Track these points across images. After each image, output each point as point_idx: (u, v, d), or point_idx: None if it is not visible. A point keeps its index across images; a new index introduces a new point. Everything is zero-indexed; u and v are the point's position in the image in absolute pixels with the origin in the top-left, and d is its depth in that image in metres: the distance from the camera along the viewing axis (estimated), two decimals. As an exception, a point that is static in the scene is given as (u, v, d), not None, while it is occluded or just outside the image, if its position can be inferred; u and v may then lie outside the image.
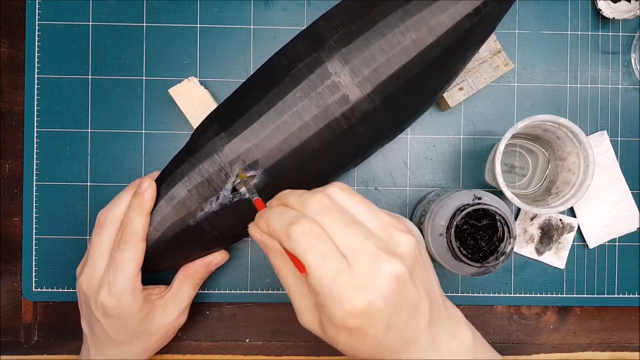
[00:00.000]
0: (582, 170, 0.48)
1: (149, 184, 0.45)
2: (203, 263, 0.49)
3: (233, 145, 0.44)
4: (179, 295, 0.48)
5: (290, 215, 0.33)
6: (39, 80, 0.54)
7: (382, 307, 0.31)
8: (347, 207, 0.33)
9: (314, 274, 0.31)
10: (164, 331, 0.48)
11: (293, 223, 0.32)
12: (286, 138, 0.43)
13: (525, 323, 0.56)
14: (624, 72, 0.55)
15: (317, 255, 0.31)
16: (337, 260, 0.31)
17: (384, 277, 0.31)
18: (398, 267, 0.31)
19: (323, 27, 0.44)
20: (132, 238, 0.44)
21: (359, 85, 0.43)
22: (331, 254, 0.31)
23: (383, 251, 0.31)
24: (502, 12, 0.46)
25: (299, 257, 0.31)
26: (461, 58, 0.45)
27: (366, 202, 0.34)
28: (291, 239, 0.31)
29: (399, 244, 0.32)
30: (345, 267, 0.31)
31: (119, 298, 0.44)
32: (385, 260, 0.31)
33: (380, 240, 0.32)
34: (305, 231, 0.31)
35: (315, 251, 0.31)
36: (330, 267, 0.30)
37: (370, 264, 0.31)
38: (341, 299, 0.30)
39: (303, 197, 0.33)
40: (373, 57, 0.42)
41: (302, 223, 0.32)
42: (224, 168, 0.44)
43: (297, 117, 0.43)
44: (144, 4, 0.54)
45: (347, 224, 0.32)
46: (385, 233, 0.33)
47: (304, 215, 0.32)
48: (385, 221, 0.33)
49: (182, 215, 0.45)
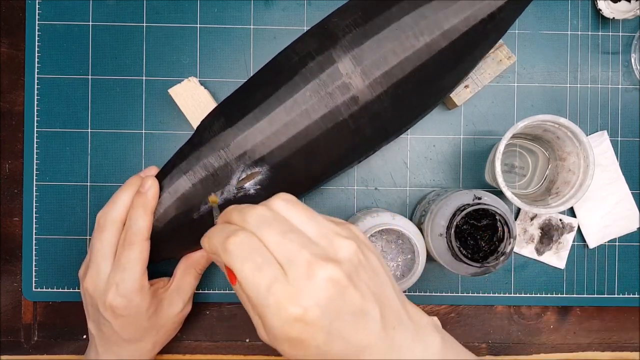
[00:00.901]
0: (582, 170, 0.48)
1: (152, 183, 0.45)
2: (204, 254, 0.49)
3: (239, 140, 0.43)
4: (183, 286, 0.48)
5: (228, 229, 0.32)
6: (39, 80, 0.54)
7: (319, 314, 0.30)
8: (288, 217, 0.33)
9: (250, 285, 0.30)
10: (172, 323, 0.48)
11: (229, 236, 0.32)
12: (293, 136, 0.43)
13: (525, 323, 0.56)
14: (624, 72, 0.55)
15: (253, 266, 0.30)
16: (273, 270, 0.30)
17: (319, 283, 0.30)
18: (333, 272, 0.30)
19: (335, 24, 0.44)
20: (137, 238, 0.44)
21: (369, 87, 0.42)
22: (266, 264, 0.31)
23: (319, 258, 0.31)
24: (515, 17, 0.46)
25: (234, 269, 0.31)
26: (472, 61, 0.45)
27: (309, 211, 0.33)
28: (227, 252, 0.31)
29: (338, 250, 0.32)
30: (280, 276, 0.30)
31: (128, 298, 0.44)
32: (320, 266, 0.30)
33: (318, 248, 0.32)
34: (241, 243, 0.31)
35: (251, 262, 0.31)
36: (265, 276, 0.30)
37: (305, 272, 0.30)
38: (277, 308, 0.30)
39: (244, 211, 0.33)
40: (385, 59, 0.42)
41: (239, 235, 0.31)
42: (229, 163, 0.44)
43: (306, 116, 0.43)
44: (144, 4, 0.54)
45: (284, 233, 0.32)
46: (325, 240, 0.32)
47: (242, 228, 0.32)
48: (326, 228, 0.33)
49: (185, 209, 0.45)
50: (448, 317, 0.55)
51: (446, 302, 0.55)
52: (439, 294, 0.55)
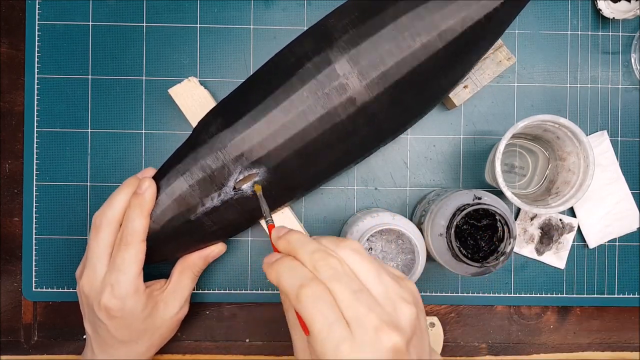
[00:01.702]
0: (582, 170, 0.48)
1: (149, 184, 0.45)
2: (201, 256, 0.49)
3: (237, 142, 0.43)
4: (179, 288, 0.48)
5: (301, 274, 0.33)
6: (39, 80, 0.54)
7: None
8: (356, 271, 0.34)
9: (318, 340, 0.32)
10: (167, 326, 0.48)
11: (303, 286, 0.33)
12: (291, 137, 0.43)
13: (525, 323, 0.56)
14: (624, 72, 0.55)
15: (324, 322, 0.32)
16: (342, 330, 0.32)
17: (383, 350, 0.31)
18: (397, 341, 0.32)
19: (332, 25, 0.44)
20: (133, 239, 0.44)
21: (366, 88, 0.42)
22: (337, 323, 0.32)
23: (385, 324, 0.32)
24: (511, 18, 0.46)
25: (306, 320, 0.32)
26: (469, 62, 0.45)
27: (376, 267, 0.35)
28: (300, 302, 0.32)
29: (401, 316, 0.33)
30: (348, 337, 0.31)
31: (123, 300, 0.44)
32: (386, 334, 0.32)
33: (384, 312, 0.33)
34: (315, 296, 0.32)
35: (323, 318, 0.32)
36: (334, 335, 0.31)
37: (372, 337, 0.32)
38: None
39: (315, 256, 0.34)
40: (382, 59, 0.42)
41: (313, 287, 0.32)
42: (226, 165, 0.44)
43: (303, 117, 0.43)
44: (144, 4, 0.54)
45: (354, 293, 0.33)
46: (389, 303, 0.33)
47: (315, 278, 0.33)
48: (392, 290, 0.34)
49: (182, 210, 0.45)
50: (448, 317, 0.55)
51: (446, 302, 0.55)
52: (439, 294, 0.55)
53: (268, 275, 0.35)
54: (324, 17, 0.45)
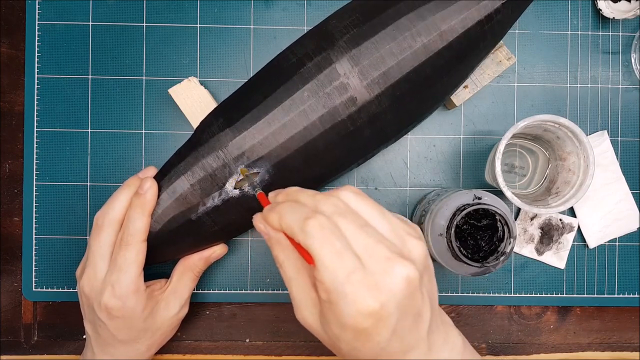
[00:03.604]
0: (582, 170, 0.48)
1: (151, 185, 0.45)
2: (202, 257, 0.49)
3: (238, 141, 0.43)
4: (180, 288, 0.48)
5: (305, 210, 0.33)
6: (39, 80, 0.54)
7: (392, 310, 0.31)
8: (359, 211, 0.33)
9: (328, 270, 0.30)
10: (168, 325, 0.48)
11: (309, 217, 0.31)
12: (292, 137, 0.43)
13: (525, 323, 0.56)
14: (624, 72, 0.55)
15: (333, 252, 0.30)
16: (352, 259, 0.30)
17: (397, 280, 0.31)
18: (410, 270, 0.31)
19: (334, 25, 0.44)
20: (134, 239, 0.44)
21: (367, 87, 0.42)
22: (346, 252, 0.31)
23: (396, 254, 0.31)
24: (513, 20, 0.46)
25: (312, 251, 0.31)
26: (470, 63, 0.45)
27: (379, 207, 0.34)
28: (306, 233, 0.31)
29: (411, 250, 0.32)
30: (359, 266, 0.30)
31: (124, 300, 0.44)
32: (399, 263, 0.31)
33: (393, 245, 0.32)
34: (321, 226, 0.31)
35: (332, 247, 0.31)
36: (345, 264, 0.30)
37: (384, 266, 0.31)
38: (354, 298, 0.30)
39: (316, 197, 0.33)
40: (383, 59, 0.42)
41: (319, 218, 0.31)
42: (227, 164, 0.44)
43: (304, 117, 0.43)
44: (144, 4, 0.54)
45: (360, 227, 0.32)
46: (397, 238, 0.33)
47: (319, 211, 0.32)
48: (397, 226, 0.33)
49: (183, 209, 0.45)
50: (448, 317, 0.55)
51: (446, 302, 0.55)
52: (439, 294, 0.54)
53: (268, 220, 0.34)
54: (325, 19, 0.46)
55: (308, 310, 0.34)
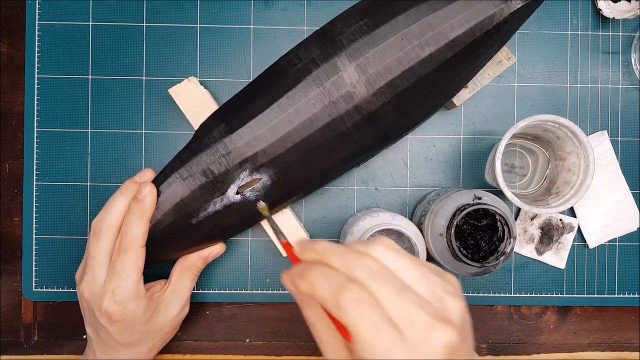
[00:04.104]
0: (582, 170, 0.48)
1: (150, 190, 0.44)
2: (200, 256, 0.48)
3: (241, 148, 0.43)
4: (179, 289, 0.48)
5: (337, 279, 0.31)
6: (39, 80, 0.54)
7: None
8: (395, 270, 0.32)
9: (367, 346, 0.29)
10: (169, 326, 0.48)
11: (342, 290, 0.30)
12: (296, 145, 0.43)
13: (525, 323, 0.56)
14: (624, 72, 0.55)
15: (372, 327, 0.29)
16: (392, 332, 0.29)
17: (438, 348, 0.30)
18: (452, 336, 0.30)
19: (340, 30, 0.43)
20: (132, 245, 0.43)
21: (373, 96, 0.42)
22: (385, 325, 0.29)
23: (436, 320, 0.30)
24: (518, 26, 0.45)
25: (348, 326, 0.30)
26: (474, 69, 0.45)
27: (415, 263, 0.32)
28: (341, 309, 0.30)
29: (450, 311, 0.31)
30: (399, 339, 0.29)
31: (124, 305, 0.44)
32: (440, 330, 0.30)
33: (432, 307, 0.31)
34: (357, 300, 0.29)
35: (370, 322, 0.29)
36: (385, 339, 0.29)
37: (424, 336, 0.30)
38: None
39: (348, 258, 0.32)
40: (390, 69, 0.42)
41: (353, 291, 0.30)
42: (230, 170, 0.43)
43: (309, 125, 0.42)
44: (144, 4, 0.54)
45: (398, 292, 0.30)
46: (436, 298, 0.31)
47: (353, 280, 0.30)
48: (436, 284, 0.32)
49: (183, 214, 0.45)
50: (448, 317, 0.55)
51: (446, 302, 0.55)
52: (439, 294, 0.55)
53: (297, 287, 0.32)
54: (330, 21, 0.45)
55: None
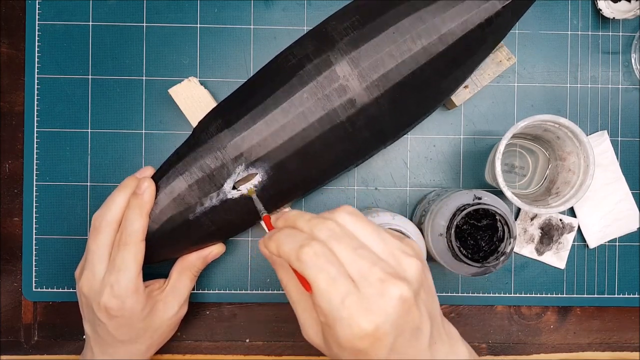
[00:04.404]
0: (582, 170, 0.48)
1: (149, 185, 0.45)
2: (200, 256, 0.49)
3: (236, 142, 0.44)
4: (178, 288, 0.48)
5: (300, 237, 0.33)
6: (39, 80, 0.54)
7: (388, 330, 0.31)
8: (355, 232, 0.34)
9: (324, 296, 0.31)
10: (167, 325, 0.48)
11: (304, 245, 0.32)
12: (290, 138, 0.43)
13: (525, 323, 0.56)
14: (624, 72, 0.55)
15: (327, 278, 0.31)
16: (346, 284, 0.31)
17: (391, 301, 0.31)
18: (404, 290, 0.32)
19: (333, 27, 0.44)
20: (132, 239, 0.44)
21: (366, 89, 0.42)
22: (341, 277, 0.31)
23: (390, 275, 0.32)
24: (513, 22, 0.46)
25: (308, 278, 0.32)
26: (470, 66, 0.45)
27: (374, 227, 0.34)
28: (301, 261, 0.32)
29: (406, 269, 0.33)
30: (353, 290, 0.31)
31: (123, 299, 0.44)
32: (393, 284, 0.31)
33: (388, 265, 0.33)
34: (316, 254, 0.32)
35: (326, 273, 0.31)
36: (339, 289, 0.31)
37: (378, 288, 0.31)
38: (349, 322, 0.31)
39: (312, 222, 0.34)
40: (382, 62, 0.42)
41: (313, 246, 0.32)
42: (226, 165, 0.44)
43: (303, 118, 0.43)
44: (144, 4, 0.54)
45: (355, 249, 0.32)
46: (392, 257, 0.33)
47: (314, 238, 0.33)
48: (392, 245, 0.34)
49: (181, 209, 0.45)
50: (448, 317, 0.55)
51: (446, 302, 0.55)
52: (439, 294, 0.55)
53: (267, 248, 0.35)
54: (324, 20, 0.46)
55: (312, 330, 0.35)
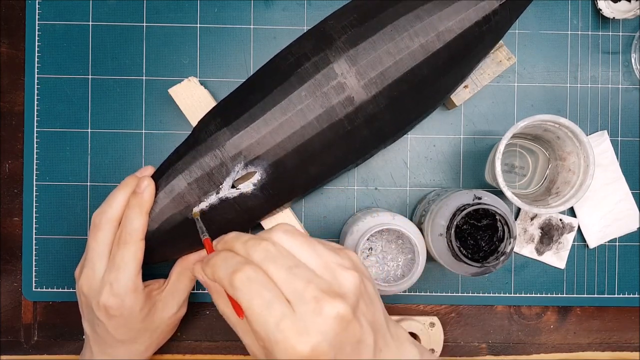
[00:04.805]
0: (582, 170, 0.48)
1: (148, 183, 0.45)
2: (199, 256, 0.49)
3: (235, 140, 0.44)
4: (178, 289, 0.48)
5: (234, 262, 0.33)
6: (39, 80, 0.54)
7: (326, 349, 0.31)
8: (291, 250, 0.33)
9: (258, 321, 0.31)
10: (166, 325, 0.48)
11: (236, 271, 0.32)
12: (289, 136, 0.43)
13: (525, 323, 0.56)
14: (624, 72, 0.55)
15: (261, 303, 0.31)
16: (281, 307, 0.31)
17: (327, 320, 0.31)
18: (340, 308, 0.31)
19: (331, 26, 0.44)
20: (132, 238, 0.44)
21: (364, 87, 0.43)
22: (275, 301, 0.31)
23: (325, 293, 0.31)
24: (511, 21, 0.46)
25: (242, 304, 0.31)
26: (468, 64, 0.45)
27: (309, 242, 0.34)
28: (234, 287, 0.32)
29: (342, 283, 0.33)
30: (289, 312, 0.31)
31: (122, 298, 0.44)
32: (328, 302, 0.31)
33: (323, 282, 0.32)
34: (249, 279, 0.31)
35: (260, 298, 0.31)
36: (274, 313, 0.31)
37: (313, 308, 0.31)
38: (285, 345, 0.30)
39: (248, 244, 0.34)
40: (380, 59, 0.42)
41: (246, 271, 0.32)
42: (225, 163, 0.44)
43: (301, 116, 0.43)
44: (144, 4, 0.54)
45: (290, 269, 0.32)
46: (328, 273, 0.33)
47: (248, 262, 0.32)
48: (328, 260, 0.33)
49: (180, 208, 0.45)
50: (448, 317, 0.55)
51: (446, 302, 0.55)
52: (439, 294, 0.55)
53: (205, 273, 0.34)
54: (323, 19, 0.46)
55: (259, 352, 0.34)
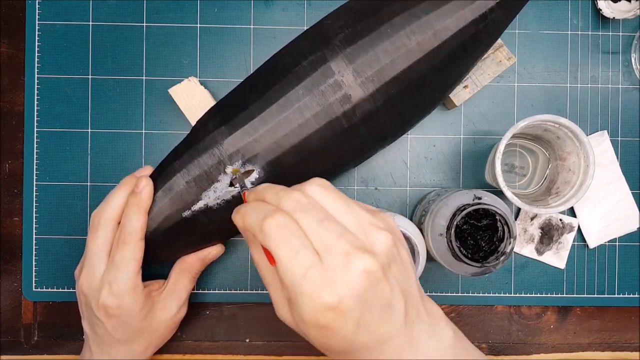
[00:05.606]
0: (582, 170, 0.48)
1: (147, 183, 0.45)
2: (199, 257, 0.49)
3: (233, 139, 0.44)
4: (177, 289, 0.48)
5: (265, 209, 0.33)
6: (39, 80, 0.54)
7: (352, 305, 0.30)
8: (324, 204, 0.33)
9: (285, 268, 0.30)
10: (165, 326, 0.48)
11: (267, 217, 0.32)
12: (287, 134, 0.43)
13: (525, 323, 0.56)
14: (624, 72, 0.55)
15: (290, 250, 0.30)
16: (309, 256, 0.30)
17: (355, 274, 0.30)
18: (369, 264, 0.31)
19: (329, 25, 0.44)
20: (131, 237, 0.44)
21: (361, 85, 0.43)
22: (304, 250, 0.31)
23: (356, 248, 0.31)
24: (508, 19, 0.46)
25: (271, 251, 0.31)
26: (466, 63, 0.45)
27: (344, 199, 0.33)
28: (264, 233, 0.31)
29: (374, 242, 0.32)
30: (317, 263, 0.30)
31: (121, 298, 0.44)
32: (357, 257, 0.30)
33: (355, 238, 0.32)
34: (278, 225, 0.31)
35: (288, 245, 0.31)
36: (301, 262, 0.30)
37: (342, 261, 0.30)
38: (310, 295, 0.30)
39: (279, 194, 0.33)
40: (377, 58, 0.42)
41: (276, 217, 0.31)
42: (223, 161, 0.44)
43: (299, 114, 0.43)
44: (144, 4, 0.54)
45: (321, 221, 0.32)
46: (361, 230, 0.32)
47: (279, 210, 0.32)
48: (362, 218, 0.33)
49: (179, 207, 0.45)
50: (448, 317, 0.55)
51: (446, 302, 0.55)
52: (439, 294, 0.55)
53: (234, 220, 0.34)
54: (321, 19, 0.46)
55: (285, 308, 0.34)
